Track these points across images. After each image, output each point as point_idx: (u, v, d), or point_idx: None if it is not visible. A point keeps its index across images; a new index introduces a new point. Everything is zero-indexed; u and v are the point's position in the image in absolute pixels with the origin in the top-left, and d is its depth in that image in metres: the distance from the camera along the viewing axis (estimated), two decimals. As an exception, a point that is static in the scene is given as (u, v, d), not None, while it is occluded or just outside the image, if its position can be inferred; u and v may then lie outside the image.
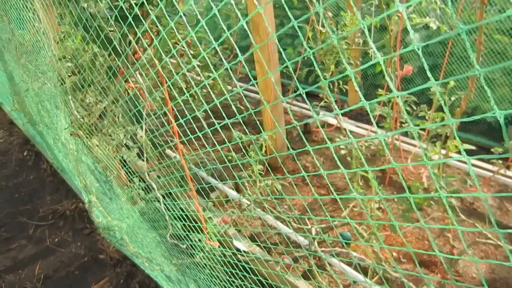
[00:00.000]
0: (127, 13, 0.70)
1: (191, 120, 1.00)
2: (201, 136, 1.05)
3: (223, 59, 0.69)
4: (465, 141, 2.92)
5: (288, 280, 1.99)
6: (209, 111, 0.99)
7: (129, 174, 1.73)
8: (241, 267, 1.36)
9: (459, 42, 2.97)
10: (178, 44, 1.54)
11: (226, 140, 1.01)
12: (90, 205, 1.91)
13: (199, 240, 1.55)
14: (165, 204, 1.41)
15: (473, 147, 1.90)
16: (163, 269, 1.83)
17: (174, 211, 1.45)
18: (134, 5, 0.71)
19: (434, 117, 2.07)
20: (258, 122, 1.16)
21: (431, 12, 3.07)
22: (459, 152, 2.70)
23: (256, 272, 1.39)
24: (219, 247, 1.55)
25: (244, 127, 0.86)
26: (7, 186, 3.67)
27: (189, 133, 1.18)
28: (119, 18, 0.73)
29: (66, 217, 3.15)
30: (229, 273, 1.41)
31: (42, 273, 2.69)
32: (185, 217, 1.47)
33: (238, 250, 2.15)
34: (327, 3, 0.55)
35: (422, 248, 2.33)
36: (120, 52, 0.90)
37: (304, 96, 0.65)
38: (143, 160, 1.43)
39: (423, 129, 2.56)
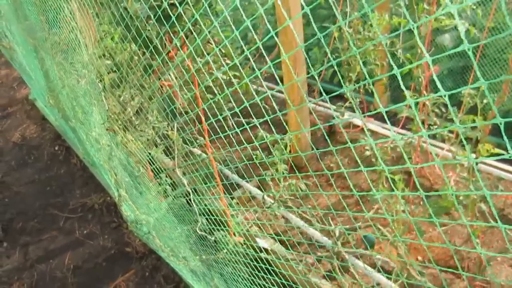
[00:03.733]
0: (170, 13, 0.73)
1: (220, 118, 1.03)
2: (230, 133, 1.08)
3: (250, 59, 0.71)
4: (497, 146, 2.84)
5: (311, 280, 1.99)
6: (237, 111, 1.01)
7: (157, 171, 1.78)
8: (265, 262, 1.38)
9: (492, 43, 2.89)
10: (210, 43, 1.58)
11: (253, 138, 1.03)
12: (120, 199, 1.97)
13: (225, 236, 1.58)
14: (193, 199, 1.45)
15: (504, 152, 1.86)
16: (188, 263, 1.87)
17: (201, 206, 1.49)
18: (177, 4, 0.74)
19: (464, 120, 2.03)
20: (283, 122, 1.18)
21: (462, 13, 3.00)
22: (489, 156, 2.63)
23: (280, 268, 1.41)
24: (244, 242, 1.57)
25: (270, 126, 0.87)
26: (40, 179, 3.82)
27: (218, 130, 1.21)
28: (162, 17, 0.76)
29: (95, 211, 3.25)
30: (253, 267, 1.43)
31: (72, 263, 2.80)
32: (212, 212, 1.51)
33: (261, 247, 2.17)
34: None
35: (448, 253, 2.28)
36: (159, 50, 0.94)
37: (327, 99, 0.66)
38: (171, 157, 1.47)
39: (452, 132, 2.51)
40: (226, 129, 1.13)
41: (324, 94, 0.69)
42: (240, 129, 1.06)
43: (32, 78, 3.98)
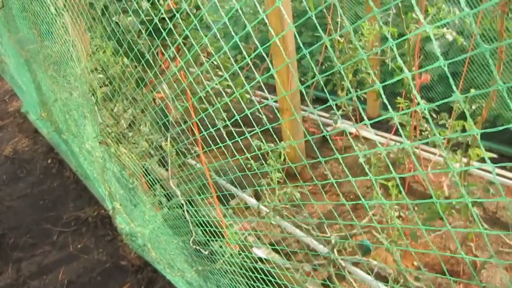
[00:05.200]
0: (160, 27, 0.74)
1: (210, 127, 1.03)
2: (221, 145, 1.09)
3: (253, 68, 0.73)
4: (487, 150, 2.88)
5: (308, 288, 1.99)
6: (227, 120, 1.02)
7: (152, 182, 1.77)
8: (262, 273, 1.38)
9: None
10: (202, 55, 1.59)
11: (244, 149, 1.04)
12: (114, 211, 1.96)
13: (220, 246, 1.58)
14: (187, 210, 1.44)
15: (495, 156, 1.88)
16: (184, 275, 1.86)
17: (196, 217, 1.49)
18: (167, 19, 0.75)
19: (454, 126, 2.06)
20: (276, 131, 1.19)
21: (450, 21, 3.05)
22: (480, 161, 2.66)
23: (276, 278, 1.40)
24: (239, 252, 1.57)
25: (265, 134, 0.88)
26: (32, 193, 3.78)
27: (209, 141, 1.21)
28: (153, 32, 0.77)
29: (89, 224, 3.22)
30: (250, 278, 1.43)
31: (66, 278, 2.76)
32: (206, 223, 1.50)
33: (258, 257, 2.16)
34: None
35: (444, 257, 2.30)
36: (151, 63, 0.95)
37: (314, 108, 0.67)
38: (166, 168, 1.47)
39: (444, 137, 2.54)
40: (218, 140, 1.14)
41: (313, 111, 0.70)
42: (233, 140, 1.07)
43: (24, 91, 3.96)
